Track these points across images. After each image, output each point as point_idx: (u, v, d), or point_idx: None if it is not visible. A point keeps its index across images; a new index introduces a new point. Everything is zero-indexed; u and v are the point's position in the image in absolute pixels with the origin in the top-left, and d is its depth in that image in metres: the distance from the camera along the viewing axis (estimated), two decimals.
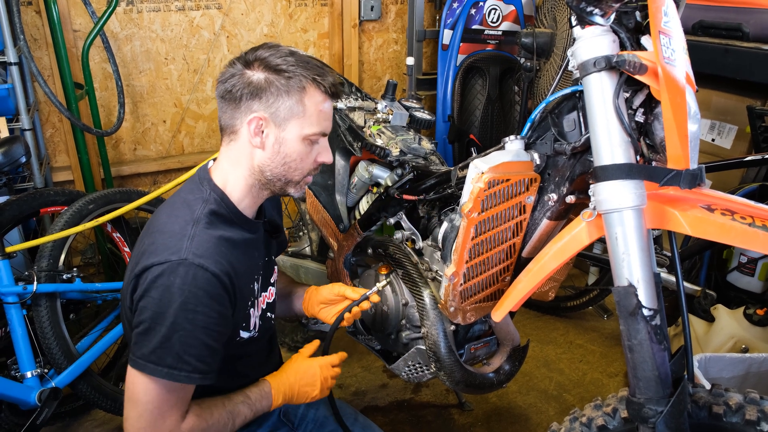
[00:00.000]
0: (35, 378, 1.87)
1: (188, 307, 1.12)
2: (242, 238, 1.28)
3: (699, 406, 1.13)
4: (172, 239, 1.16)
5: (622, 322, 1.08)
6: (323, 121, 1.27)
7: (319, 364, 1.43)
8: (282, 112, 1.22)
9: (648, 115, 1.12)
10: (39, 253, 2.00)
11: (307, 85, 1.23)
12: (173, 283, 1.12)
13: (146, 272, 1.14)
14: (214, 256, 1.16)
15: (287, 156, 1.26)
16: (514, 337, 1.67)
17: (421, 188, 1.65)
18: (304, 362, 1.43)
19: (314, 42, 3.39)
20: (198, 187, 1.28)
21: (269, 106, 1.22)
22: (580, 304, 2.84)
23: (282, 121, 1.23)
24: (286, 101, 1.22)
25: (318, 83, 1.24)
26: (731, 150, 2.60)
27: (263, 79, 1.21)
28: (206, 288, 1.14)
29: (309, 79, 1.23)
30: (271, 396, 1.34)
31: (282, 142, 1.24)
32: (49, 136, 2.90)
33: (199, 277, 1.13)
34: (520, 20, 3.32)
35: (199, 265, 1.13)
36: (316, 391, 1.40)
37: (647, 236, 1.07)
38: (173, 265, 1.12)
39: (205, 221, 1.21)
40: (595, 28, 1.08)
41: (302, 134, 1.25)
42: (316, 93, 1.24)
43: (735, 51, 2.38)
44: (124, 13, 2.86)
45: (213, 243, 1.18)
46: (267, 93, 1.21)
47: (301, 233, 2.43)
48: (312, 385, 1.40)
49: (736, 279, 2.43)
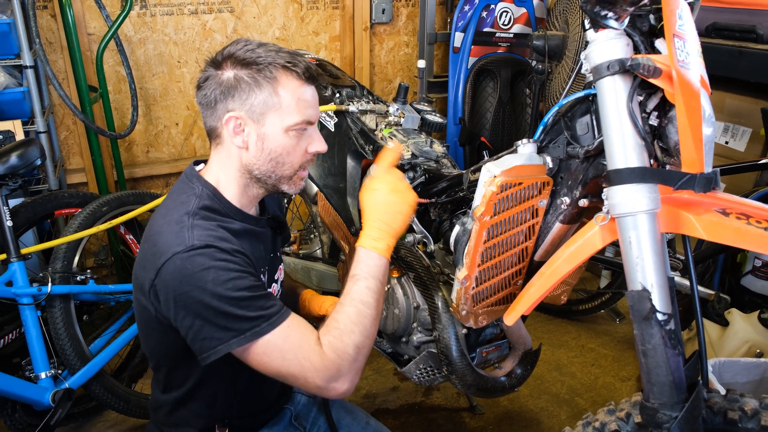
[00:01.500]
0: (49, 379, 1.89)
1: (222, 278, 1.08)
2: (243, 228, 1.25)
3: (714, 411, 1.12)
4: (172, 235, 1.13)
5: (635, 326, 1.08)
6: (304, 108, 1.21)
7: (380, 177, 1.34)
8: (257, 107, 1.18)
9: (662, 119, 1.11)
10: (53, 254, 2.02)
11: (277, 74, 1.17)
12: (194, 270, 1.08)
13: (160, 274, 1.10)
14: (218, 239, 1.14)
15: (272, 151, 1.21)
16: (526, 341, 1.66)
17: (432, 191, 1.65)
18: (368, 192, 1.33)
19: (326, 45, 3.40)
20: (188, 185, 1.25)
21: (243, 103, 1.18)
22: (592, 307, 2.82)
23: (259, 117, 1.19)
24: (259, 95, 1.17)
25: (290, 69, 1.18)
26: (745, 153, 2.58)
27: (233, 77, 1.17)
28: (225, 258, 1.11)
29: (279, 67, 1.18)
30: (371, 252, 1.25)
31: (264, 138, 1.20)
32: (64, 139, 2.93)
33: (213, 253, 1.10)
34: (532, 23, 3.31)
35: (205, 245, 1.10)
36: (407, 203, 1.32)
37: (661, 240, 1.07)
38: (182, 255, 1.09)
39: (200, 215, 1.18)
40: (608, 31, 1.07)
41: (283, 126, 1.19)
42: (289, 80, 1.19)
43: (749, 53, 2.36)
44: (137, 17, 2.89)
45: (213, 228, 1.16)
46: (238, 90, 1.17)
47: (313, 236, 2.44)
48: (397, 201, 1.31)
49: (750, 283, 2.40)
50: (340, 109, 1.96)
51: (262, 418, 1.44)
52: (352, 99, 2.04)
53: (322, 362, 1.11)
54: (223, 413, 1.34)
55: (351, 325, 1.16)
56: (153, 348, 1.28)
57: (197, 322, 1.09)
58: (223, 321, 1.08)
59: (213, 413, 1.33)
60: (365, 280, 1.22)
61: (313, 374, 1.11)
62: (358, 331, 1.16)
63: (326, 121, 2.03)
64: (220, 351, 1.10)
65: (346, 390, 1.14)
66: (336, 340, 1.14)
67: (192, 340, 1.12)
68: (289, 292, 1.64)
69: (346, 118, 1.96)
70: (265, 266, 1.36)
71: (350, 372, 1.14)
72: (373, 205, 1.32)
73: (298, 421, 1.52)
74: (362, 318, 1.17)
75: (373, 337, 1.20)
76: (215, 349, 1.10)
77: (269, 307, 1.13)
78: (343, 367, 1.13)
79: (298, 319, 1.16)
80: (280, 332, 1.11)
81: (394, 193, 1.32)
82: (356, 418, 1.56)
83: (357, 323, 1.16)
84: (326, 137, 2.03)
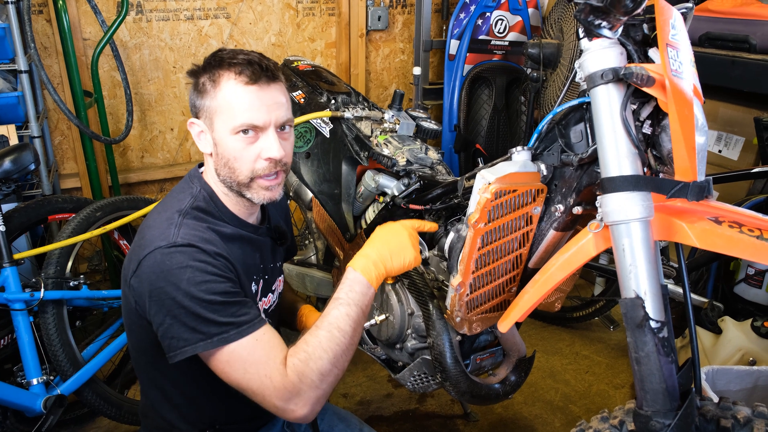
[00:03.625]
0: (41, 385, 1.87)
1: (198, 278, 1.09)
2: (236, 233, 1.26)
3: (707, 419, 1.13)
4: (159, 230, 1.15)
5: (629, 334, 1.08)
6: (247, 110, 1.16)
7: (402, 223, 1.34)
8: (207, 112, 1.19)
9: (655, 127, 1.12)
10: (46, 260, 2.01)
11: (217, 77, 1.17)
12: (172, 266, 1.09)
13: (140, 267, 1.12)
14: (203, 240, 1.14)
15: (223, 156, 1.20)
16: (520, 348, 1.66)
17: (427, 198, 1.65)
18: (385, 227, 1.33)
19: (321, 51, 3.41)
20: (189, 184, 1.27)
21: (198, 110, 1.21)
22: (586, 314, 2.83)
23: (210, 122, 1.20)
24: (206, 100, 1.19)
25: (229, 70, 1.17)
26: (738, 161, 2.59)
27: (192, 85, 1.22)
28: (205, 260, 1.12)
29: (220, 69, 1.17)
30: (361, 278, 1.22)
31: (218, 143, 1.20)
32: (58, 144, 2.92)
33: (194, 253, 1.11)
34: (527, 31, 3.33)
35: (187, 244, 1.11)
36: (410, 256, 1.30)
37: (654, 248, 1.07)
38: (163, 250, 1.10)
39: (192, 215, 1.19)
40: (602, 40, 1.08)
41: (229, 129, 1.17)
42: (229, 81, 1.17)
43: (742, 63, 2.38)
44: (133, 22, 2.89)
45: (201, 230, 1.16)
46: (195, 97, 1.22)
47: (307, 242, 2.43)
48: (403, 247, 1.29)
49: (743, 291, 2.41)
50: (336, 115, 1.96)
51: (254, 425, 1.44)
52: (348, 105, 2.05)
53: (283, 383, 1.10)
54: (212, 419, 1.34)
55: (320, 350, 1.13)
56: (135, 343, 1.28)
57: (167, 320, 1.10)
58: (192, 322, 1.09)
59: (201, 418, 1.32)
60: (347, 306, 1.19)
61: (271, 393, 1.10)
62: (327, 359, 1.13)
63: (321, 128, 2.03)
64: (185, 352, 1.10)
65: (303, 415, 1.12)
66: (301, 364, 1.12)
67: (161, 336, 1.13)
68: (289, 307, 1.64)
69: (341, 125, 1.96)
70: (259, 275, 1.35)
71: (310, 398, 1.12)
72: (382, 236, 1.31)
73: (291, 428, 1.51)
74: (334, 345, 1.14)
75: (343, 366, 1.17)
76: (182, 349, 1.10)
77: (240, 315, 1.12)
78: (303, 391, 1.11)
79: (270, 334, 1.15)
80: (247, 343, 1.11)
81: (406, 240, 1.31)
82: (350, 425, 1.56)
83: (327, 350, 1.14)
84: (321, 143, 2.04)
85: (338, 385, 2.41)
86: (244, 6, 3.09)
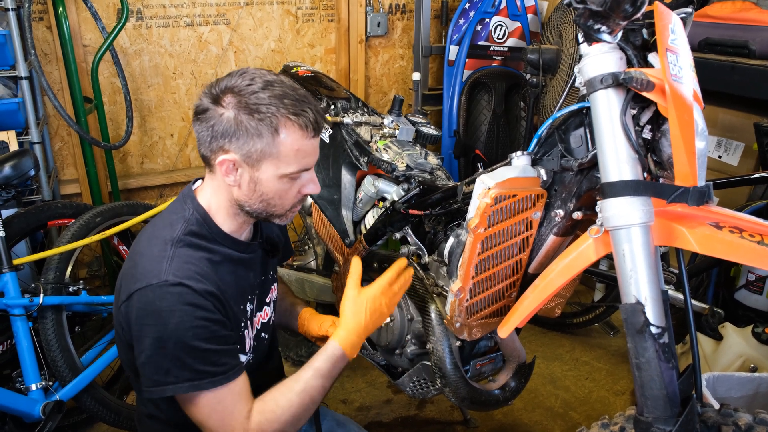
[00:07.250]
0: (40, 390, 1.86)
1: (185, 324, 1.11)
2: (227, 257, 1.25)
3: (708, 426, 1.12)
4: (151, 262, 1.15)
5: (629, 339, 1.07)
6: (303, 158, 1.19)
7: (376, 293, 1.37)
8: (254, 154, 1.15)
9: (655, 132, 1.12)
10: (46, 265, 2.01)
11: (280, 126, 1.14)
12: (161, 307, 1.10)
13: (131, 299, 1.13)
14: (195, 276, 1.14)
15: (264, 194, 1.20)
16: (520, 354, 1.66)
17: (427, 203, 1.65)
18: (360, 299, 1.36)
19: (321, 57, 3.41)
20: (182, 206, 1.25)
21: (240, 148, 1.14)
22: (586, 320, 2.82)
23: (255, 162, 1.16)
24: (258, 143, 1.14)
25: (293, 122, 1.15)
26: (738, 167, 2.59)
27: (233, 119, 1.13)
28: (195, 302, 1.12)
29: (283, 119, 1.14)
30: (341, 353, 1.29)
31: (258, 182, 1.18)
32: (58, 150, 2.92)
33: (184, 294, 1.12)
34: (526, 36, 3.33)
35: (179, 284, 1.12)
36: (387, 317, 1.40)
37: (655, 253, 1.07)
38: (154, 288, 1.11)
39: (185, 242, 1.18)
40: (602, 45, 1.08)
41: (278, 174, 1.17)
42: (291, 132, 1.15)
43: (741, 68, 2.38)
44: (133, 29, 2.89)
45: (193, 263, 1.16)
46: (237, 134, 1.13)
47: (307, 247, 2.43)
48: (381, 314, 1.37)
49: (744, 297, 2.41)
50: (335, 120, 1.96)
51: None
52: (347, 111, 2.05)
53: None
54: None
55: (288, 415, 1.19)
56: (123, 359, 1.29)
57: (144, 356, 1.13)
58: (168, 364, 1.11)
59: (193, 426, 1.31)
60: (323, 379, 1.25)
61: None
62: (290, 423, 1.20)
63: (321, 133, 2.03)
64: (153, 392, 1.14)
65: None
66: (266, 423, 1.17)
67: (139, 367, 1.16)
68: (289, 310, 1.63)
69: (341, 130, 1.96)
70: (254, 292, 1.35)
71: None
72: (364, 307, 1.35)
73: None
74: (302, 411, 1.22)
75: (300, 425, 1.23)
76: (151, 389, 1.14)
77: (218, 365, 1.15)
78: None
79: (241, 385, 1.18)
80: (217, 393, 1.14)
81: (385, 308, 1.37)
82: (349, 430, 1.55)
83: (294, 415, 1.20)
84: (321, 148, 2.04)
85: (337, 390, 2.41)
86: (243, 12, 3.09)
